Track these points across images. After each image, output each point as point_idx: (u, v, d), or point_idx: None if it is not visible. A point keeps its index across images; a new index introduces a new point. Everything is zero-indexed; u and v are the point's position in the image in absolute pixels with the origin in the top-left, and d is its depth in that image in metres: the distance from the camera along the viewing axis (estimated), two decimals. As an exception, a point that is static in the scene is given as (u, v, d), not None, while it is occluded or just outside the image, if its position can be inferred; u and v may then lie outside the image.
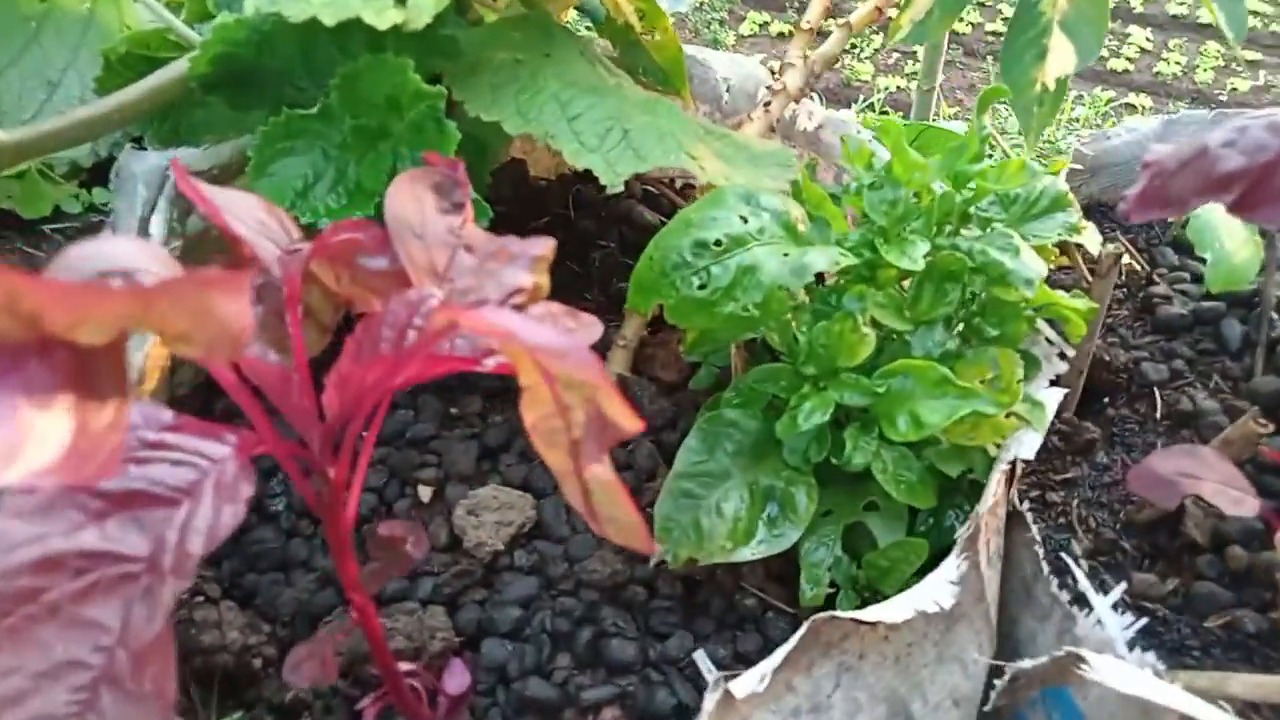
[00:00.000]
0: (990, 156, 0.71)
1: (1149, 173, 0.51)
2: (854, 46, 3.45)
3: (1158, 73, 3.31)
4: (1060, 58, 0.70)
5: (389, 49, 0.64)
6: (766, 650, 0.68)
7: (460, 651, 0.67)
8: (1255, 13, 3.46)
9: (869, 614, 0.56)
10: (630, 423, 0.36)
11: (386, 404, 0.48)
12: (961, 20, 3.50)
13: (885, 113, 2.97)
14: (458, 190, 0.50)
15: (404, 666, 0.57)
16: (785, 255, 0.61)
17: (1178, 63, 3.32)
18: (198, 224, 0.73)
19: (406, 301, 0.45)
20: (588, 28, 0.99)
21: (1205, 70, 3.30)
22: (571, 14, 0.93)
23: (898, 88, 3.27)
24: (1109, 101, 3.10)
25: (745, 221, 0.62)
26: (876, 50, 3.49)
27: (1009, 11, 3.66)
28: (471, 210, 0.50)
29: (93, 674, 0.36)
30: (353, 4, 0.58)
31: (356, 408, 0.44)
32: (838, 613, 0.55)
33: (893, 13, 0.78)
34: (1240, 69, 3.31)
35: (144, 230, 0.66)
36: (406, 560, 0.48)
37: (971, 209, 0.66)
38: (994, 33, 3.56)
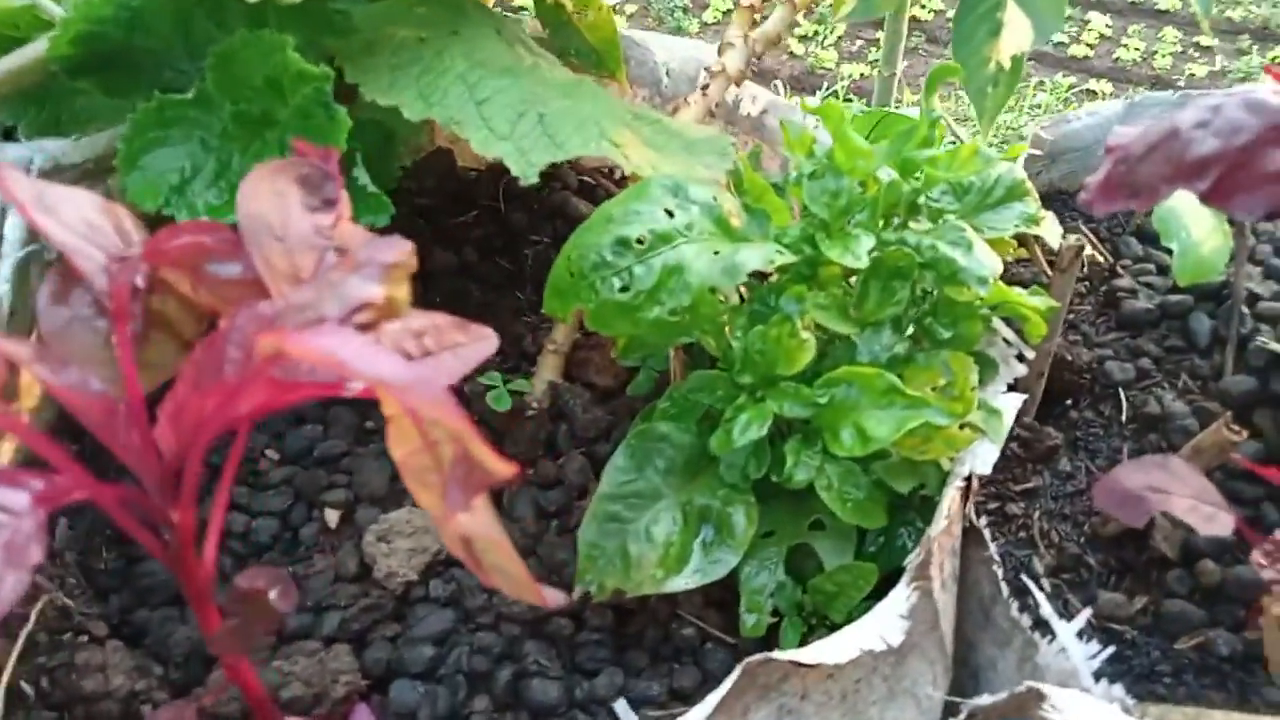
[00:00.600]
0: (953, 143, 0.66)
1: (1113, 158, 0.46)
2: (817, 34, 3.41)
3: (1117, 58, 3.31)
4: (1015, 33, 0.65)
5: (270, 24, 0.57)
6: (705, 684, 0.62)
7: (367, 695, 0.60)
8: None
9: (809, 654, 0.51)
10: (499, 468, 0.30)
11: (244, 436, 0.42)
12: (923, 7, 3.47)
13: (849, 100, 2.93)
14: (328, 184, 0.43)
15: (290, 724, 0.51)
16: (715, 253, 0.55)
17: (1136, 48, 3.32)
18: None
19: (255, 316, 0.38)
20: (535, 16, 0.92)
21: (1164, 56, 3.30)
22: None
23: (861, 75, 3.23)
24: (1070, 88, 3.09)
25: (671, 216, 0.56)
26: (840, 38, 3.46)
27: None
28: (346, 207, 0.44)
29: None
30: (218, -29, 0.51)
31: (196, 441, 0.37)
32: (774, 654, 0.50)
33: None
34: (1197, 55, 3.32)
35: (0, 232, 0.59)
36: (272, 614, 0.41)
37: (921, 199, 0.60)
38: (956, 19, 3.52)
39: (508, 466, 0.30)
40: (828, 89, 3.05)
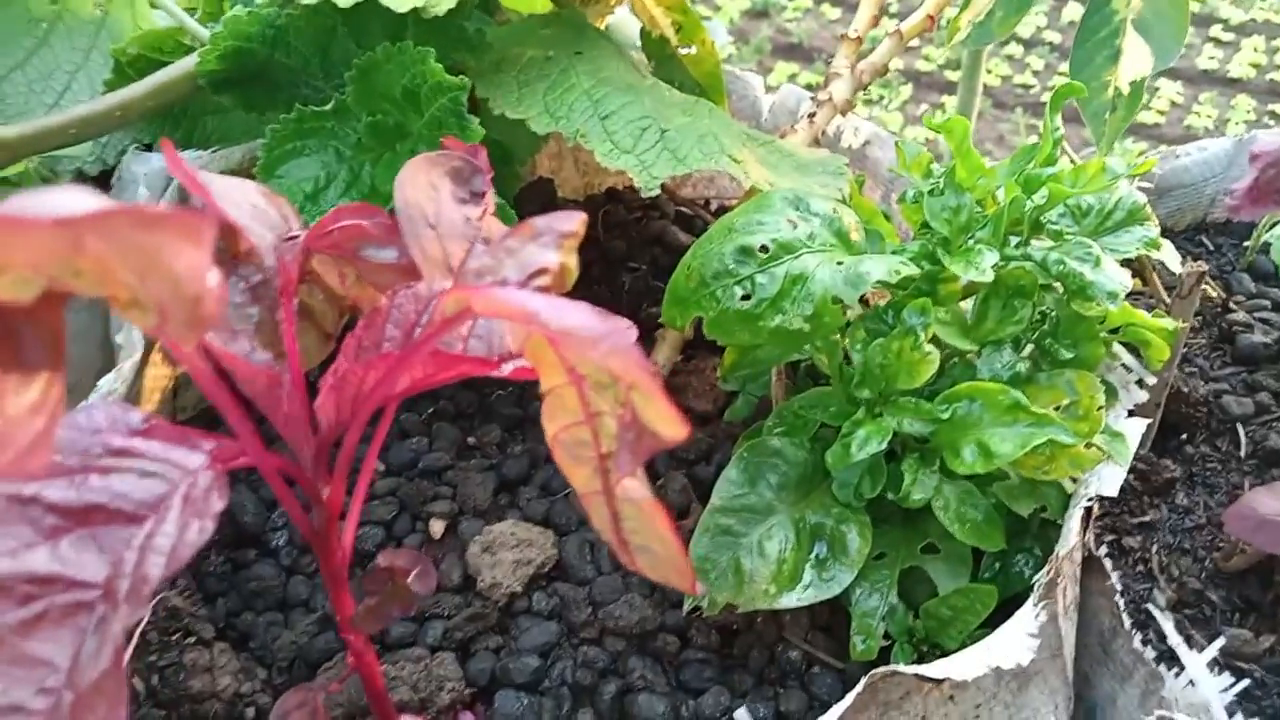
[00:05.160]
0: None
1: (1260, 164, 0.45)
2: (882, 97, 3.44)
3: (1188, 126, 3.28)
4: (1135, 59, 0.65)
5: (409, 39, 0.59)
6: (812, 710, 0.60)
7: (471, 704, 0.60)
8: (1283, 70, 3.43)
9: (935, 669, 0.49)
10: (673, 429, 0.30)
11: (391, 413, 0.43)
12: (990, 73, 3.48)
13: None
14: (478, 177, 0.45)
15: None
16: (839, 263, 0.55)
17: (1209, 116, 3.28)
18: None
19: (415, 296, 0.39)
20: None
21: (1236, 124, 3.26)
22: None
23: (926, 139, 3.24)
24: (1140, 153, 3.07)
25: (794, 227, 0.56)
26: (905, 101, 3.49)
27: (1038, 64, 3.65)
28: (491, 200, 0.45)
29: (35, 721, 0.31)
30: (369, -16, 0.53)
31: (354, 415, 0.38)
32: (899, 667, 0.49)
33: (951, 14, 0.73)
34: (1271, 122, 3.27)
35: (142, 235, 0.61)
36: (409, 596, 0.41)
37: (1044, 217, 0.60)
38: (1023, 85, 3.55)
39: (681, 427, 0.30)
40: (895, 150, 3.06)
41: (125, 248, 0.21)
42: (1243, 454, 0.71)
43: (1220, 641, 0.57)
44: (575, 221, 0.34)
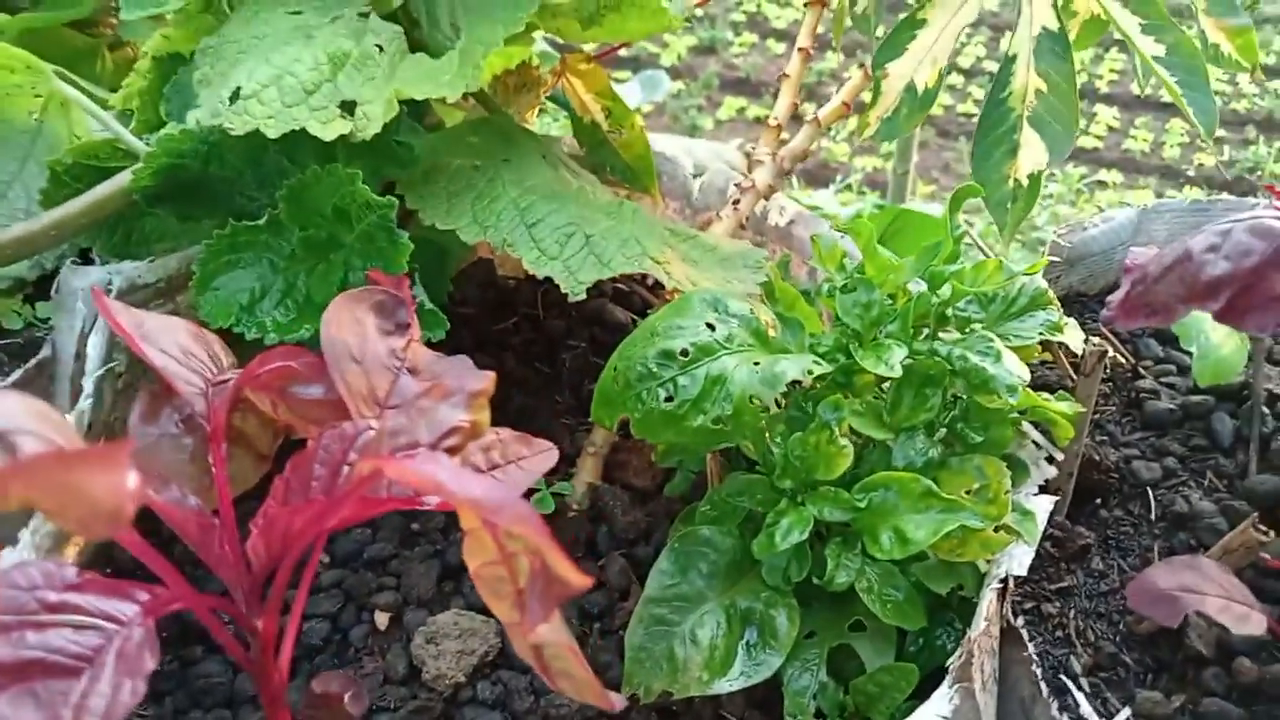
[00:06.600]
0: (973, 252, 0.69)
1: (1131, 279, 0.49)
2: (829, 128, 3.51)
3: (1126, 149, 3.39)
4: (1032, 153, 0.69)
5: (339, 158, 0.61)
6: (749, 788, 0.63)
7: (417, 799, 0.61)
8: (1217, 92, 3.57)
9: (857, 754, 0.52)
10: (577, 579, 0.33)
11: (320, 549, 0.44)
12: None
13: (863, 193, 3.02)
14: (401, 310, 0.47)
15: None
16: (756, 364, 0.58)
17: (1145, 139, 3.40)
18: (143, 338, 0.70)
19: (340, 436, 0.41)
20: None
21: (1171, 146, 3.38)
22: (537, 117, 0.92)
23: (874, 168, 3.31)
24: (1081, 178, 3.15)
25: (712, 329, 0.59)
26: (852, 132, 3.56)
27: (979, 94, 3.75)
28: (416, 330, 0.47)
29: None
30: (297, 115, 0.55)
31: (285, 554, 0.40)
32: (823, 755, 0.51)
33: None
34: (1205, 145, 3.40)
35: (82, 349, 0.63)
36: (346, 718, 0.43)
37: (949, 310, 0.64)
38: (965, 114, 3.65)
39: (584, 578, 0.33)
40: (841, 182, 3.13)
41: (48, 488, 0.23)
42: (1153, 517, 0.75)
43: (1127, 711, 0.60)
44: (484, 381, 0.37)
